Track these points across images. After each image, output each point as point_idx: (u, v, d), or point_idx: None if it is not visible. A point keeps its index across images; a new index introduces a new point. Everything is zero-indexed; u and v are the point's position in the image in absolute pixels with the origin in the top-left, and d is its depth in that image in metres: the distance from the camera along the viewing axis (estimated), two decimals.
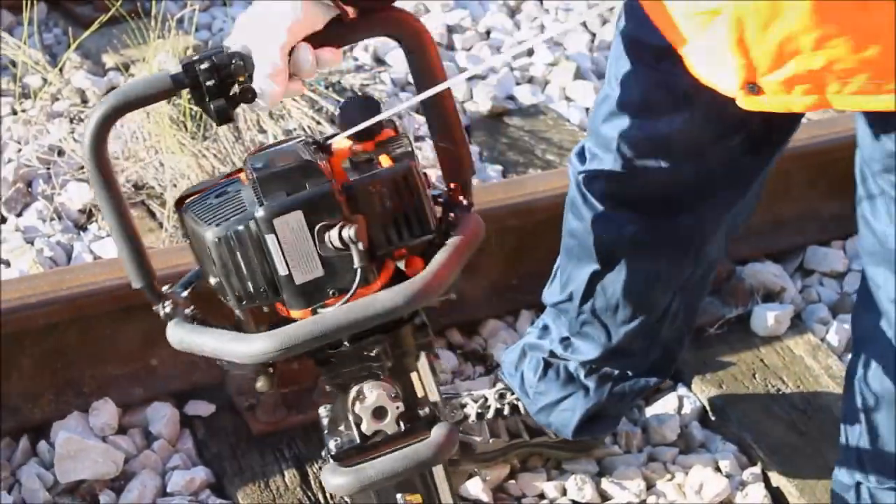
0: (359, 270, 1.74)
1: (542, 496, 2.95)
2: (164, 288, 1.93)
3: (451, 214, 1.89)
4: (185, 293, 1.93)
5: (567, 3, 5.00)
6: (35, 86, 4.24)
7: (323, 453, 1.92)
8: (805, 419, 3.14)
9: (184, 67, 1.81)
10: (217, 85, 1.82)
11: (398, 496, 2.04)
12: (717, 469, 3.03)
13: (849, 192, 2.33)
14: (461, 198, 1.93)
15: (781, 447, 3.06)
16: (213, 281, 1.84)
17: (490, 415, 2.93)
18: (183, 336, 1.86)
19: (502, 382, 2.97)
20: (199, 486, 2.91)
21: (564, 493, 2.95)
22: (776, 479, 3.00)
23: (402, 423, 1.88)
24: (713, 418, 3.18)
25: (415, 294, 1.74)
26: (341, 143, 1.88)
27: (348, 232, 1.73)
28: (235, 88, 1.83)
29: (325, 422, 1.96)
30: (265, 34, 1.84)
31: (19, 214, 3.72)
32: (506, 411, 2.93)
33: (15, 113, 4.14)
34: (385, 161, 1.83)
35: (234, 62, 1.81)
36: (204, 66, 1.81)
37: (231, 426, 3.06)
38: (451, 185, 1.94)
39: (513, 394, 2.94)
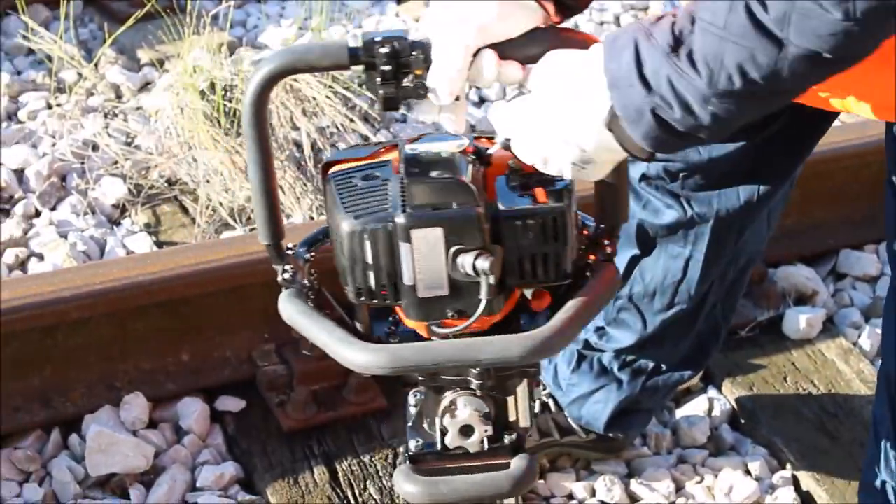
0: (483, 302, 1.69)
1: (570, 497, 2.95)
2: (289, 246, 1.86)
3: (592, 256, 1.83)
4: (308, 254, 1.87)
5: (602, 4, 4.99)
6: (70, 80, 4.26)
7: (401, 449, 1.89)
8: (836, 423, 3.13)
9: (364, 45, 1.71)
10: (392, 71, 1.71)
11: None
12: (747, 472, 3.02)
13: (883, 196, 2.32)
14: (606, 242, 1.84)
15: (812, 451, 3.05)
16: (338, 265, 1.77)
17: None
18: (293, 314, 1.80)
19: None
20: (228, 482, 2.92)
21: (593, 493, 2.95)
22: (806, 482, 2.99)
23: (485, 443, 1.84)
24: (743, 421, 3.18)
25: (532, 349, 1.69)
26: (500, 152, 1.79)
27: (483, 263, 1.66)
28: (409, 80, 1.72)
29: (411, 410, 1.91)
30: (452, 29, 1.71)
31: (53, 208, 3.74)
32: (536, 408, 2.93)
33: (50, 107, 4.16)
34: (540, 195, 1.74)
35: (413, 53, 1.70)
36: (384, 49, 1.69)
37: (261, 422, 3.07)
38: (600, 226, 1.86)
39: (544, 390, 2.94)
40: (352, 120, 3.98)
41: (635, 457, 3.05)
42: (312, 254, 1.88)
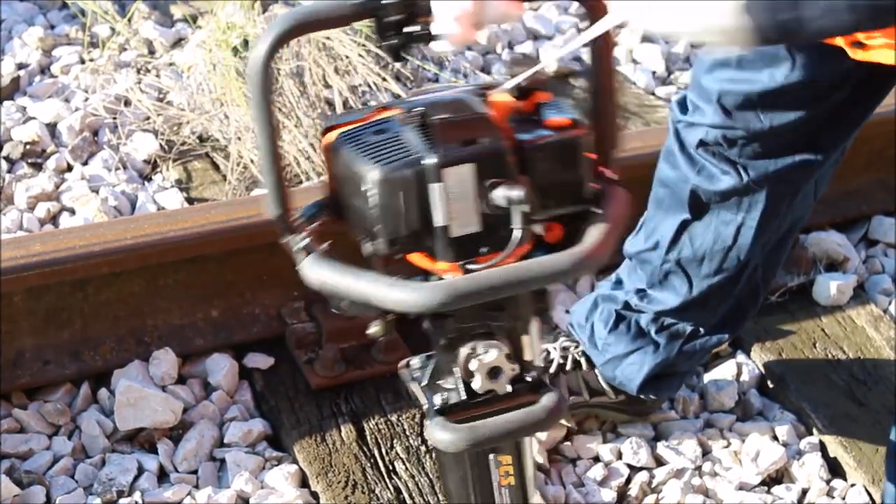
0: (516, 232, 1.70)
1: (596, 459, 2.95)
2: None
3: (595, 185, 1.83)
4: (314, 223, 1.84)
5: None
6: (103, 35, 4.26)
7: (424, 407, 1.88)
8: (865, 390, 3.12)
9: None
10: (398, 22, 1.72)
11: (490, 456, 2.02)
12: (775, 437, 3.02)
13: None
14: (604, 169, 1.85)
15: (840, 417, 3.04)
16: (362, 223, 1.77)
17: (552, 370, 2.93)
18: (325, 275, 1.78)
19: (567, 337, 2.97)
20: (255, 438, 2.94)
21: (620, 456, 2.95)
22: (833, 448, 2.99)
23: (510, 385, 1.85)
24: (772, 386, 3.17)
25: (581, 262, 1.71)
26: (501, 98, 1.81)
27: (517, 193, 1.68)
28: (416, 27, 1.73)
29: (417, 373, 1.90)
30: None
31: (85, 163, 3.74)
32: (568, 366, 2.93)
33: (83, 62, 4.16)
34: (554, 124, 1.76)
35: (420, 1, 1.72)
36: (388, 0, 1.71)
37: (289, 380, 3.08)
38: (595, 155, 1.86)
39: (577, 348, 2.93)
40: (384, 79, 3.97)
41: (662, 420, 3.05)
42: (319, 223, 1.85)
